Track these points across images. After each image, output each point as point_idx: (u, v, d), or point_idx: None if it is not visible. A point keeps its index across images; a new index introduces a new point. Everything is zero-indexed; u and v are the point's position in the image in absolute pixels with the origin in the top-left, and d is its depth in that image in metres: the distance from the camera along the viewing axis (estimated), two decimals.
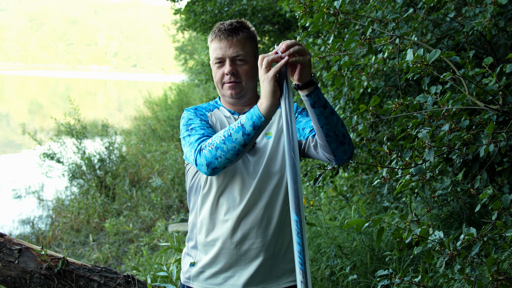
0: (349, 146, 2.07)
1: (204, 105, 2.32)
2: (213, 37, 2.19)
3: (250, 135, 1.91)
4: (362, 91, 4.31)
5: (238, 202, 2.13)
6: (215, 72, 2.20)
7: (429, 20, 3.90)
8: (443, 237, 2.42)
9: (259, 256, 2.14)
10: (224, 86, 2.19)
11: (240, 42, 2.16)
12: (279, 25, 11.39)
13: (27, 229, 8.66)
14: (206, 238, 2.19)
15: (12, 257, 2.90)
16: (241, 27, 2.19)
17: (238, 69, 2.16)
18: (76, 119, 10.68)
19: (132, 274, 3.07)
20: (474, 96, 2.66)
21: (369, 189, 5.72)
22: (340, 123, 2.01)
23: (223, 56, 2.15)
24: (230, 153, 1.94)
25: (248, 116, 1.91)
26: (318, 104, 1.91)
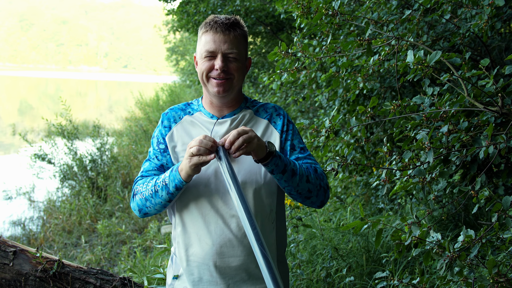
0: (317, 197, 2.11)
1: (179, 108, 2.25)
2: (207, 28, 2.07)
3: (173, 194, 2.00)
4: (358, 93, 4.31)
5: (214, 215, 2.05)
6: (202, 64, 2.08)
7: (424, 22, 3.90)
8: (441, 239, 2.42)
9: (239, 271, 2.06)
10: (211, 81, 2.09)
11: (236, 39, 2.07)
12: (271, 26, 11.41)
13: (18, 230, 8.59)
14: (185, 253, 2.10)
15: (6, 259, 2.87)
16: (238, 24, 2.12)
17: (229, 66, 2.06)
18: (67, 119, 10.62)
19: (128, 276, 3.04)
20: (472, 98, 2.66)
21: (363, 190, 5.72)
22: (304, 180, 2.03)
23: (216, 50, 2.04)
24: (157, 206, 2.06)
25: (171, 177, 1.97)
26: (276, 171, 1.98)
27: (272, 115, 2.21)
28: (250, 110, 2.21)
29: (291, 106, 8.94)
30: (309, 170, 2.07)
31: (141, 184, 2.08)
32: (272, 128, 2.17)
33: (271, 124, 2.18)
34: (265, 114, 2.21)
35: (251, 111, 2.21)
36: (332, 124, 2.80)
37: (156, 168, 2.14)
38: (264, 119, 2.19)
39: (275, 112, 2.23)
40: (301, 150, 2.18)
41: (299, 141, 2.21)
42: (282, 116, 2.22)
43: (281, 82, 4.55)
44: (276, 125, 2.18)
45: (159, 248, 4.49)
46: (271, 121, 2.19)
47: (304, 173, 2.03)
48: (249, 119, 2.18)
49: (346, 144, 2.75)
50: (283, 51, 3.02)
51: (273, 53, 3.03)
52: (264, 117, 2.20)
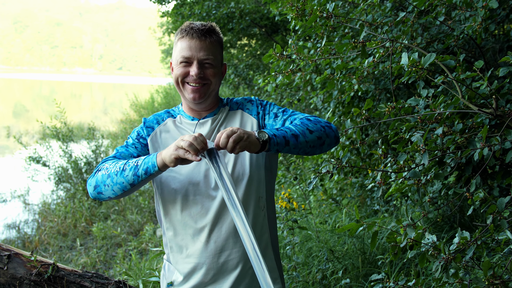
0: (328, 137, 2.12)
1: (163, 112, 2.28)
2: (183, 34, 2.08)
3: (140, 178, 1.93)
4: (353, 95, 4.32)
5: (205, 214, 2.05)
6: (178, 70, 2.09)
7: (419, 24, 3.91)
8: (436, 241, 2.42)
9: (237, 266, 2.06)
10: (187, 87, 2.10)
11: (212, 45, 2.09)
12: (266, 28, 11.42)
13: (12, 233, 8.57)
14: (180, 256, 2.11)
15: (1, 263, 2.85)
16: (214, 31, 2.13)
17: (205, 72, 2.08)
18: (62, 122, 10.60)
19: (123, 279, 3.02)
20: (466, 100, 2.66)
21: (359, 192, 5.73)
22: (308, 134, 2.04)
23: (192, 56, 2.06)
24: (117, 186, 1.97)
25: (145, 160, 1.93)
26: (280, 148, 1.98)
27: (243, 104, 2.26)
28: (226, 107, 2.25)
29: (287, 107, 8.95)
30: (304, 123, 2.08)
31: (109, 162, 2.04)
32: (247, 115, 2.21)
33: (245, 111, 2.22)
34: (236, 106, 2.25)
35: (227, 108, 2.25)
36: None
37: (133, 155, 2.12)
38: (237, 110, 2.23)
39: (245, 101, 2.28)
40: (283, 112, 2.22)
41: (277, 108, 2.25)
42: (253, 102, 2.27)
43: (276, 84, 4.56)
44: (250, 111, 2.22)
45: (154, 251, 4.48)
46: (244, 109, 2.23)
47: (303, 129, 2.04)
48: (227, 115, 2.21)
49: (341, 146, 2.75)
50: (277, 53, 3.02)
51: (267, 55, 3.02)
52: (236, 108, 2.24)
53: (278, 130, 1.99)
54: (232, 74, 11.36)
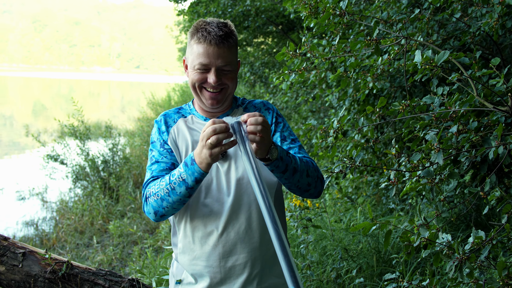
0: (315, 189, 2.08)
1: (173, 112, 2.23)
2: (201, 39, 2.00)
3: (193, 188, 1.92)
4: (368, 92, 4.28)
5: (215, 218, 2.03)
6: (194, 75, 2.05)
7: (434, 21, 3.87)
8: (451, 240, 2.40)
9: (245, 271, 2.04)
10: (204, 93, 2.06)
11: (230, 51, 2.03)
12: (282, 26, 11.39)
13: (30, 231, 8.65)
14: (188, 257, 2.10)
15: (16, 260, 2.88)
16: (231, 33, 2.05)
17: (222, 78, 2.04)
18: (79, 120, 10.69)
19: (137, 277, 3.04)
20: (482, 97, 2.63)
21: (374, 190, 5.69)
22: (304, 175, 1.99)
23: (210, 64, 2.00)
24: (176, 204, 1.95)
25: (188, 172, 1.88)
26: (276, 171, 1.93)
27: (261, 110, 2.21)
28: (240, 108, 2.21)
29: (302, 106, 8.92)
30: (308, 164, 2.04)
31: (153, 186, 2.00)
32: None
33: None
34: (254, 109, 2.21)
35: (241, 109, 2.21)
36: (340, 124, 2.78)
37: (167, 167, 2.08)
38: None
39: (264, 107, 2.23)
40: (292, 141, 2.16)
41: (290, 132, 2.20)
42: (271, 111, 2.22)
43: (291, 82, 4.54)
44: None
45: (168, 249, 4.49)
46: None
47: (304, 168, 1.99)
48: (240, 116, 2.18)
49: (355, 145, 2.73)
50: (291, 51, 3.01)
51: (280, 53, 3.02)
52: (253, 111, 2.16)
53: (287, 155, 1.94)
54: (248, 72, 11.34)
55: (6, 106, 36.05)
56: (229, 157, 2.07)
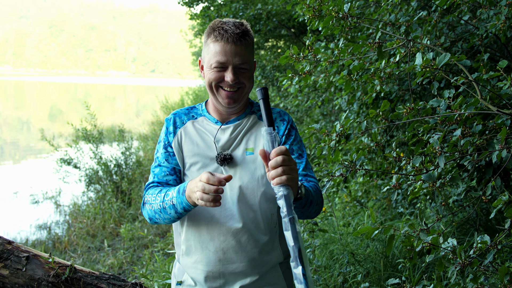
0: (316, 213, 2.08)
1: (183, 113, 2.23)
2: (217, 37, 1.99)
3: (182, 214, 1.97)
4: (376, 96, 4.25)
5: (217, 225, 2.03)
6: (211, 74, 2.03)
7: (443, 23, 3.84)
8: (456, 245, 2.36)
9: (246, 277, 2.04)
10: (221, 92, 2.04)
11: (246, 49, 2.02)
12: (294, 29, 11.37)
13: (44, 234, 8.71)
14: (190, 260, 2.11)
15: (19, 264, 2.89)
16: (247, 32, 2.04)
17: (239, 77, 2.02)
18: (92, 124, 10.75)
19: (140, 281, 3.04)
20: (487, 100, 2.59)
21: (385, 194, 5.65)
22: (314, 204, 1.98)
23: (227, 62, 1.99)
24: (167, 220, 2.04)
25: (179, 199, 1.92)
26: (298, 207, 1.90)
27: (276, 120, 2.17)
28: (254, 115, 2.17)
29: (314, 110, 8.90)
30: (317, 192, 2.01)
31: (150, 195, 2.05)
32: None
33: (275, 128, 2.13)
34: None
35: (255, 116, 2.17)
36: (343, 128, 2.76)
37: (168, 172, 2.11)
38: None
39: (279, 118, 2.18)
40: (298, 156, 2.13)
41: (299, 147, 2.16)
42: (286, 122, 2.17)
43: (299, 85, 4.51)
44: (279, 130, 2.14)
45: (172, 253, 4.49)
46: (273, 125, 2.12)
47: (315, 198, 1.97)
48: (252, 124, 2.15)
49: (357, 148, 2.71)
50: (294, 55, 2.99)
51: (284, 56, 3.00)
52: None
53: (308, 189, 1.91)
54: (259, 76, 11.34)
55: (23, 111, 36.41)
56: (235, 164, 2.06)
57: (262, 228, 2.04)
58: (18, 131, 25.35)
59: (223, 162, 2.04)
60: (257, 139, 2.11)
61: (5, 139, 22.02)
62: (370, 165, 5.12)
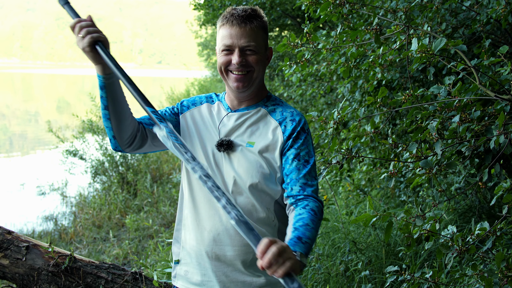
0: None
1: (202, 96, 2.26)
2: (224, 21, 2.01)
3: (103, 97, 1.99)
4: (377, 84, 4.23)
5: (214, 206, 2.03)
6: (220, 58, 2.03)
7: (445, 9, 3.80)
8: (455, 232, 2.35)
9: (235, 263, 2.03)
10: (230, 76, 2.04)
11: (253, 31, 1.99)
12: (299, 18, 11.32)
13: (50, 225, 8.75)
14: (187, 236, 2.12)
15: (19, 254, 2.91)
16: (255, 15, 2.02)
17: (247, 59, 2.00)
18: (98, 116, 10.76)
19: (140, 271, 3.05)
20: (487, 87, 2.57)
21: (387, 182, 5.63)
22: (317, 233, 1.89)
23: (233, 44, 1.98)
24: (103, 119, 2.04)
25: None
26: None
27: (285, 119, 2.08)
28: (265, 109, 2.12)
29: (318, 99, 8.87)
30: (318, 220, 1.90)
31: None
32: (279, 133, 2.05)
33: (280, 127, 2.07)
34: (280, 117, 2.10)
35: (266, 111, 2.12)
36: (341, 115, 2.74)
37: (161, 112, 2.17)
38: (275, 120, 2.09)
39: (291, 117, 2.09)
40: (304, 162, 2.01)
41: (307, 153, 2.04)
42: (295, 122, 2.07)
43: (301, 74, 4.49)
44: (285, 130, 2.05)
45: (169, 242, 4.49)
46: (281, 124, 2.07)
47: (315, 235, 1.85)
48: (260, 118, 2.11)
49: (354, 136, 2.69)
50: (292, 43, 2.98)
51: (281, 44, 2.98)
52: (277, 119, 2.09)
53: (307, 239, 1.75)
54: None
55: (31, 103, 36.54)
56: (233, 152, 2.05)
57: (256, 218, 2.02)
58: (26, 123, 25.48)
59: (219, 146, 2.04)
60: (261, 134, 2.07)
61: (14, 131, 22.13)
62: (373, 153, 5.10)
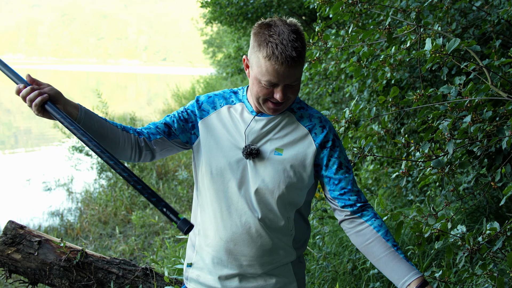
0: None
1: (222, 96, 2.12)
2: (270, 57, 1.78)
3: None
4: (386, 83, 4.24)
5: (233, 215, 1.99)
6: (260, 89, 1.87)
7: (455, 9, 3.81)
8: (465, 232, 2.36)
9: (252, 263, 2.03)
10: (268, 104, 1.91)
11: (299, 68, 1.84)
12: (305, 17, 11.32)
13: (56, 221, 8.79)
14: (203, 241, 2.09)
15: (31, 249, 2.93)
16: (303, 48, 1.82)
17: (288, 92, 1.88)
18: (104, 112, 10.80)
19: (151, 266, 3.07)
20: (498, 87, 2.58)
21: (395, 182, 5.64)
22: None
23: (278, 82, 1.83)
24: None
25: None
26: None
27: (315, 126, 2.02)
28: (290, 113, 2.04)
29: (325, 97, 8.88)
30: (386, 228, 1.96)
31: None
32: (311, 140, 1.99)
33: (311, 135, 2.00)
34: (308, 123, 2.02)
35: (293, 116, 2.04)
36: (353, 114, 2.75)
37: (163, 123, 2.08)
38: (305, 127, 2.01)
39: (319, 124, 2.03)
40: (347, 169, 2.00)
41: (345, 159, 2.04)
42: (325, 130, 2.02)
43: (310, 73, 4.50)
44: (316, 137, 2.00)
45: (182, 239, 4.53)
46: (311, 131, 2.00)
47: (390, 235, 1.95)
48: (288, 124, 2.02)
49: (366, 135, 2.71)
50: None
51: None
52: (306, 125, 2.01)
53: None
54: None
55: None
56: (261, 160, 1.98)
57: (276, 228, 2.01)
58: (31, 119, 25.54)
59: (248, 155, 1.96)
60: (290, 141, 1.99)
61: (19, 127, 22.20)
62: (381, 152, 5.11)
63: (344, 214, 1.98)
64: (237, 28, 11.86)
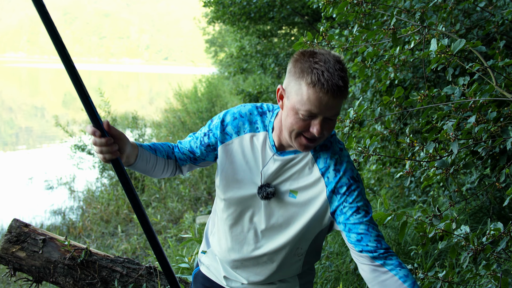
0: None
1: (249, 119, 1.97)
2: (315, 83, 1.63)
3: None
4: (389, 83, 4.24)
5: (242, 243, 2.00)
6: (296, 121, 1.72)
7: (459, 10, 3.81)
8: (469, 232, 2.37)
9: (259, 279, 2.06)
10: (300, 139, 1.76)
11: (342, 99, 1.69)
12: (308, 17, 11.32)
13: (58, 219, 8.82)
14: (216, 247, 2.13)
15: (36, 247, 2.94)
16: (347, 80, 1.69)
17: (325, 127, 1.73)
18: (106, 111, 10.81)
19: (154, 265, 3.07)
20: (503, 88, 2.58)
21: (397, 182, 5.64)
22: None
23: (319, 113, 1.68)
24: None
25: None
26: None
27: (328, 168, 1.85)
28: (310, 154, 1.88)
29: None
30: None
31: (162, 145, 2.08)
32: (323, 186, 1.85)
33: (323, 178, 1.85)
34: (323, 165, 1.86)
35: (312, 156, 1.88)
36: (357, 114, 2.76)
37: (188, 149, 2.05)
38: (319, 170, 1.86)
39: (334, 166, 1.85)
40: (365, 213, 1.83)
41: (365, 203, 1.85)
42: (339, 174, 1.84)
43: None
44: (328, 183, 1.84)
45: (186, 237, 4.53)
46: (324, 175, 1.85)
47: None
48: (304, 166, 1.88)
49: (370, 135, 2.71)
50: (308, 41, 2.99)
51: (298, 43, 2.99)
52: (321, 167, 1.86)
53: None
54: (273, 63, 11.31)
55: (38, 98, 36.67)
56: (275, 200, 1.91)
57: (284, 257, 1.99)
58: (33, 117, 25.58)
59: (264, 198, 1.89)
60: (304, 184, 1.87)
61: (20, 126, 22.23)
62: (383, 153, 5.11)
63: (364, 261, 1.80)
64: (239, 28, 11.87)
